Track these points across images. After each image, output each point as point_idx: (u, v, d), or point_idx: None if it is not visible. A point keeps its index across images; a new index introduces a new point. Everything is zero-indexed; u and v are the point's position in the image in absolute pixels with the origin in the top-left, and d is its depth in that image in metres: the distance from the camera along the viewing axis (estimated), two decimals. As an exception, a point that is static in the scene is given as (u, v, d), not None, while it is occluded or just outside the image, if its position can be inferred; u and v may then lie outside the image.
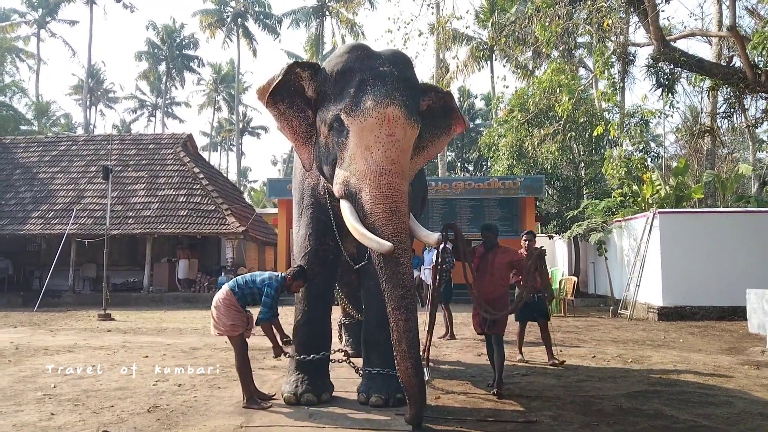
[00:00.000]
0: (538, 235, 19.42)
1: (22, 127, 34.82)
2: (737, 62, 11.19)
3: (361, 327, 6.02)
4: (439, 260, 5.73)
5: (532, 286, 6.26)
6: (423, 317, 5.39)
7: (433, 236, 4.79)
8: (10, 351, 8.30)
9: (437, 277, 5.83)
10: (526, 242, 7.62)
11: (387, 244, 4.22)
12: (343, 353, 5.50)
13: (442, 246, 5.51)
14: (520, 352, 7.65)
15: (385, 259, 4.29)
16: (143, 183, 19.11)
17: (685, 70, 11.31)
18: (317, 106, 4.87)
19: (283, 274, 5.23)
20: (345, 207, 4.55)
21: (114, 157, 19.18)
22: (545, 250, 6.48)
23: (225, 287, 5.23)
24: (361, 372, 5.29)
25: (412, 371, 4.18)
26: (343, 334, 7.50)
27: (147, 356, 7.79)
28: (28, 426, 4.57)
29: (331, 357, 5.49)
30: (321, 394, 5.12)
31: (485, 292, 5.66)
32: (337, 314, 7.13)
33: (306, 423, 4.56)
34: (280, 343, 5.16)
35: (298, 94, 4.91)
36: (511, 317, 6.73)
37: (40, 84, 50.77)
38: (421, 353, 5.42)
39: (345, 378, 5.73)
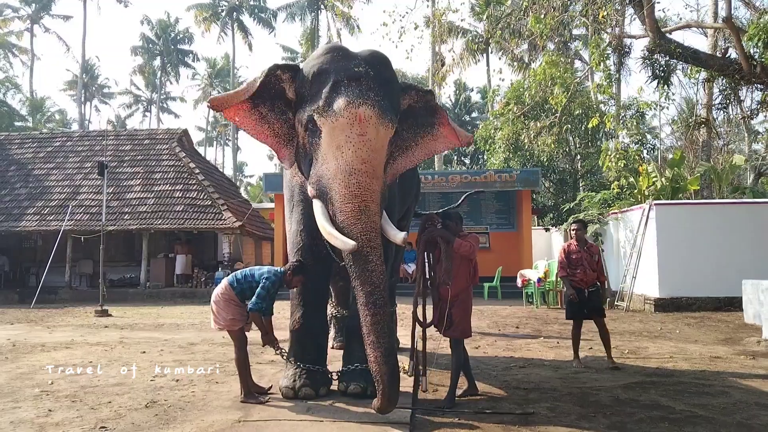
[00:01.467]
0: (534, 227, 19.49)
1: (17, 123, 34.73)
2: (733, 54, 11.20)
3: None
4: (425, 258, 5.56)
5: (442, 277, 5.30)
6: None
7: (399, 235, 4.67)
8: (6, 348, 8.28)
9: (423, 276, 5.57)
10: (575, 232, 6.94)
11: (351, 243, 4.27)
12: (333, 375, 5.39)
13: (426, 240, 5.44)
14: (576, 356, 6.86)
15: (354, 258, 4.32)
16: (139, 178, 19.04)
17: (680, 62, 11.31)
18: (296, 108, 4.88)
19: (282, 269, 5.23)
20: (317, 206, 4.61)
21: (109, 153, 19.11)
22: (434, 215, 5.75)
23: (224, 282, 5.23)
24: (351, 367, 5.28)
25: (381, 359, 4.16)
26: (333, 328, 7.51)
27: (144, 352, 7.78)
28: (26, 423, 4.57)
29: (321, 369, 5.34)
30: (319, 388, 5.14)
31: (444, 289, 5.26)
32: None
33: (304, 417, 4.57)
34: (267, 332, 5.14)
35: (279, 97, 4.92)
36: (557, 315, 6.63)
37: (34, 80, 50.40)
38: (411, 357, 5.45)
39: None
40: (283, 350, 5.27)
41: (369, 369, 5.04)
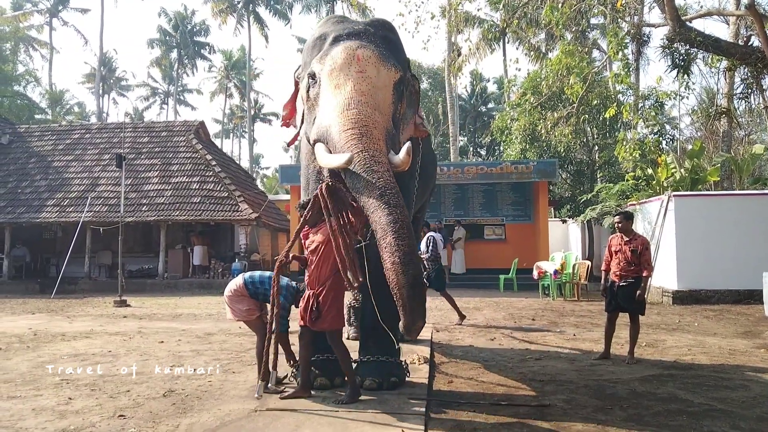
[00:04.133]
0: (550, 219, 19.35)
1: (37, 116, 35.17)
2: (756, 42, 10.99)
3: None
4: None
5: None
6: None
7: (401, 153, 4.20)
8: (28, 337, 8.43)
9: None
10: (619, 224, 6.71)
11: (345, 155, 3.99)
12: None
13: (428, 235, 5.41)
14: (606, 351, 6.65)
15: (357, 174, 3.97)
16: (156, 170, 19.22)
17: (701, 51, 11.13)
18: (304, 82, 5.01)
19: (296, 285, 5.31)
20: (318, 149, 4.40)
21: (127, 145, 19.29)
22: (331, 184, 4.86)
23: (239, 280, 5.24)
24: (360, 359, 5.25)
25: (400, 267, 3.64)
26: (351, 317, 7.54)
27: (162, 342, 7.87)
28: (47, 410, 4.64)
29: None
30: (334, 377, 5.14)
31: (312, 278, 4.77)
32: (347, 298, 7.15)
33: (319, 406, 4.59)
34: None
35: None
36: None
37: (54, 73, 50.94)
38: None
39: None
40: (294, 371, 5.27)
41: (384, 361, 5.06)
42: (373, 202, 3.85)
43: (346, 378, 4.79)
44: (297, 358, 5.27)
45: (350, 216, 4.48)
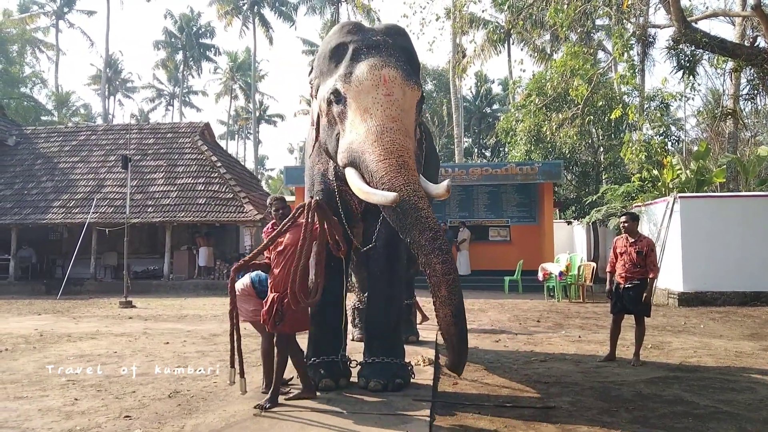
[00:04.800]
0: (555, 220, 19.32)
1: (43, 118, 35.36)
2: (762, 43, 10.96)
3: None
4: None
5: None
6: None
7: (442, 185, 4.41)
8: (34, 338, 8.46)
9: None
10: (623, 225, 6.66)
11: (391, 194, 4.03)
12: None
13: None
14: (612, 353, 6.64)
15: (402, 210, 4.03)
16: (162, 172, 19.28)
17: (706, 52, 11.10)
18: (317, 88, 5.00)
19: None
20: (350, 174, 4.45)
21: (133, 147, 19.35)
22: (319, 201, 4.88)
23: (246, 278, 5.25)
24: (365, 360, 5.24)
25: (451, 319, 3.89)
26: (356, 318, 7.56)
27: (168, 343, 7.89)
28: (53, 410, 4.66)
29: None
30: (339, 379, 5.14)
31: (277, 279, 4.71)
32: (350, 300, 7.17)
33: (324, 408, 4.59)
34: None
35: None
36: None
37: (60, 75, 51.29)
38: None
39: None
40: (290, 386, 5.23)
41: (389, 362, 5.07)
42: (426, 245, 3.95)
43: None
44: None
45: (335, 235, 4.72)
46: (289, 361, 4.83)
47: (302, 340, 5.31)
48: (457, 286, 3.92)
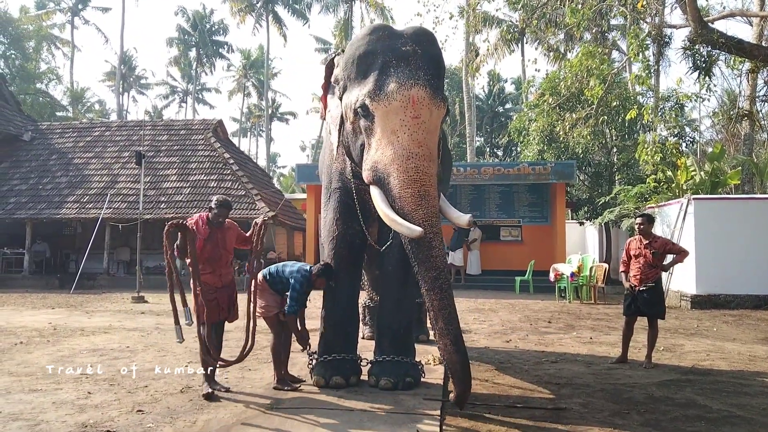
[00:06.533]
0: (568, 221, 19.22)
1: (58, 113, 35.70)
2: (779, 43, 10.82)
3: None
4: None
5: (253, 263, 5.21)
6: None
7: (464, 218, 4.77)
8: (48, 331, 8.56)
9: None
10: (638, 226, 6.62)
11: (417, 230, 4.22)
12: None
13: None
14: (624, 355, 6.60)
15: (417, 243, 4.28)
16: (175, 168, 19.39)
17: (723, 52, 10.96)
18: (342, 91, 4.99)
19: (310, 267, 5.26)
20: (375, 193, 4.57)
21: (146, 143, 19.48)
22: (268, 218, 5.34)
23: (259, 275, 5.29)
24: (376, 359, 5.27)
25: (451, 348, 4.16)
26: (366, 316, 7.57)
27: (179, 338, 7.93)
28: (67, 404, 4.71)
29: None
30: (350, 377, 5.16)
31: (215, 280, 5.07)
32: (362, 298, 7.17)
33: (335, 405, 4.61)
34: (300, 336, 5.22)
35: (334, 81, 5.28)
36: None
37: (75, 71, 51.74)
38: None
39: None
40: (314, 354, 5.31)
41: (400, 361, 5.09)
42: (429, 281, 4.24)
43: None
44: (312, 352, 5.32)
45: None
46: (301, 363, 4.85)
47: (314, 337, 5.34)
48: (454, 317, 4.21)
